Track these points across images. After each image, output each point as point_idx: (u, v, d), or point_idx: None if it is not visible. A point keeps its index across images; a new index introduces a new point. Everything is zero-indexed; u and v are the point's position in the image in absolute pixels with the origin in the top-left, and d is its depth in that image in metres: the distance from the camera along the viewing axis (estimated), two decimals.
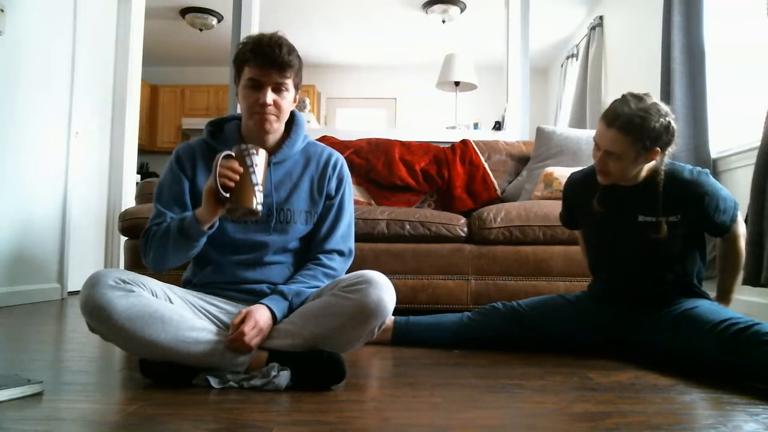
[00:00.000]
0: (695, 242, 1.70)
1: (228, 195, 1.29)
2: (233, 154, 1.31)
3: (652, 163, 1.65)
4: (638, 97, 1.58)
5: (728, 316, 1.49)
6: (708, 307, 1.59)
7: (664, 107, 1.59)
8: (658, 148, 1.58)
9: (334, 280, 1.48)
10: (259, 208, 1.32)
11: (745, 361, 1.39)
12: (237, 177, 1.29)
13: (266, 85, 1.43)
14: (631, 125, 1.55)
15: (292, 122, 1.58)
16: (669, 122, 1.57)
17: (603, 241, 1.81)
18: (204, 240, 1.40)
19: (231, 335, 1.32)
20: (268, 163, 1.44)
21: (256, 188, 1.30)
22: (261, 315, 1.36)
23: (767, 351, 1.35)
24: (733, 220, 1.67)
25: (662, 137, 1.57)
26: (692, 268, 1.71)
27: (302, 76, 1.53)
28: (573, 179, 1.90)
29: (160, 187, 1.53)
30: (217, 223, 1.40)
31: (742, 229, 1.75)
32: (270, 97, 1.43)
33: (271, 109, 1.44)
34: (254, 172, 1.30)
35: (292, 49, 1.45)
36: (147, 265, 1.47)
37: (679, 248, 1.67)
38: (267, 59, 1.41)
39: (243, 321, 1.34)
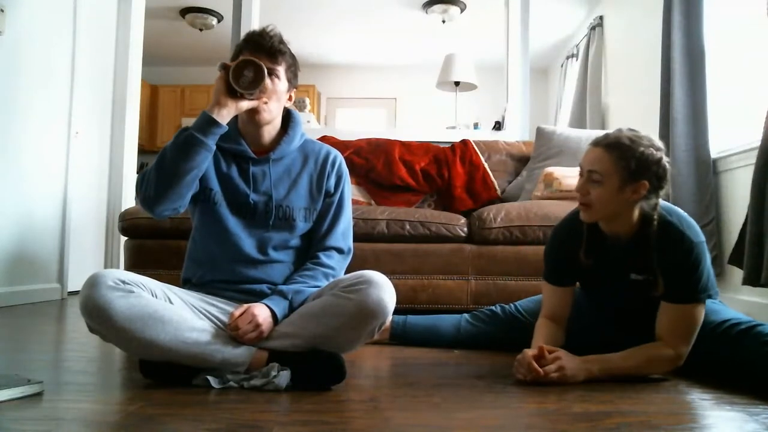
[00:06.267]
0: None
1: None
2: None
3: (638, 213, 1.47)
4: (633, 130, 1.49)
5: (729, 317, 1.49)
6: (709, 307, 1.58)
7: (660, 143, 1.47)
8: (646, 181, 1.42)
9: (334, 280, 1.48)
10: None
11: (747, 362, 1.39)
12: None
13: None
14: (618, 143, 1.44)
15: (289, 120, 1.59)
16: (661, 157, 1.43)
17: (592, 295, 1.71)
18: (212, 145, 1.44)
19: (228, 325, 1.35)
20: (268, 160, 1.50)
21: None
22: (260, 312, 1.37)
23: None
24: (696, 300, 1.44)
25: (651, 168, 1.42)
26: None
27: (297, 74, 1.55)
28: (557, 230, 1.71)
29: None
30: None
31: (682, 349, 1.46)
32: None
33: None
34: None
35: (282, 40, 1.49)
36: (142, 205, 1.44)
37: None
38: (257, 45, 1.46)
39: (241, 315, 1.35)
